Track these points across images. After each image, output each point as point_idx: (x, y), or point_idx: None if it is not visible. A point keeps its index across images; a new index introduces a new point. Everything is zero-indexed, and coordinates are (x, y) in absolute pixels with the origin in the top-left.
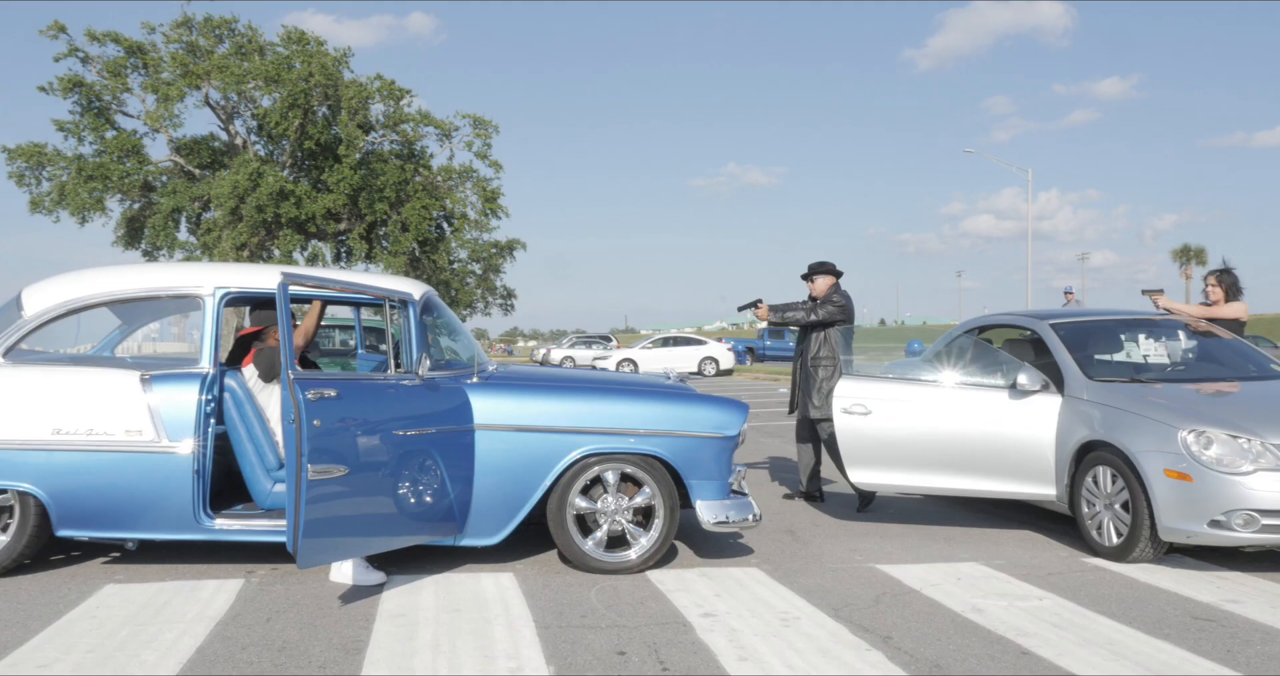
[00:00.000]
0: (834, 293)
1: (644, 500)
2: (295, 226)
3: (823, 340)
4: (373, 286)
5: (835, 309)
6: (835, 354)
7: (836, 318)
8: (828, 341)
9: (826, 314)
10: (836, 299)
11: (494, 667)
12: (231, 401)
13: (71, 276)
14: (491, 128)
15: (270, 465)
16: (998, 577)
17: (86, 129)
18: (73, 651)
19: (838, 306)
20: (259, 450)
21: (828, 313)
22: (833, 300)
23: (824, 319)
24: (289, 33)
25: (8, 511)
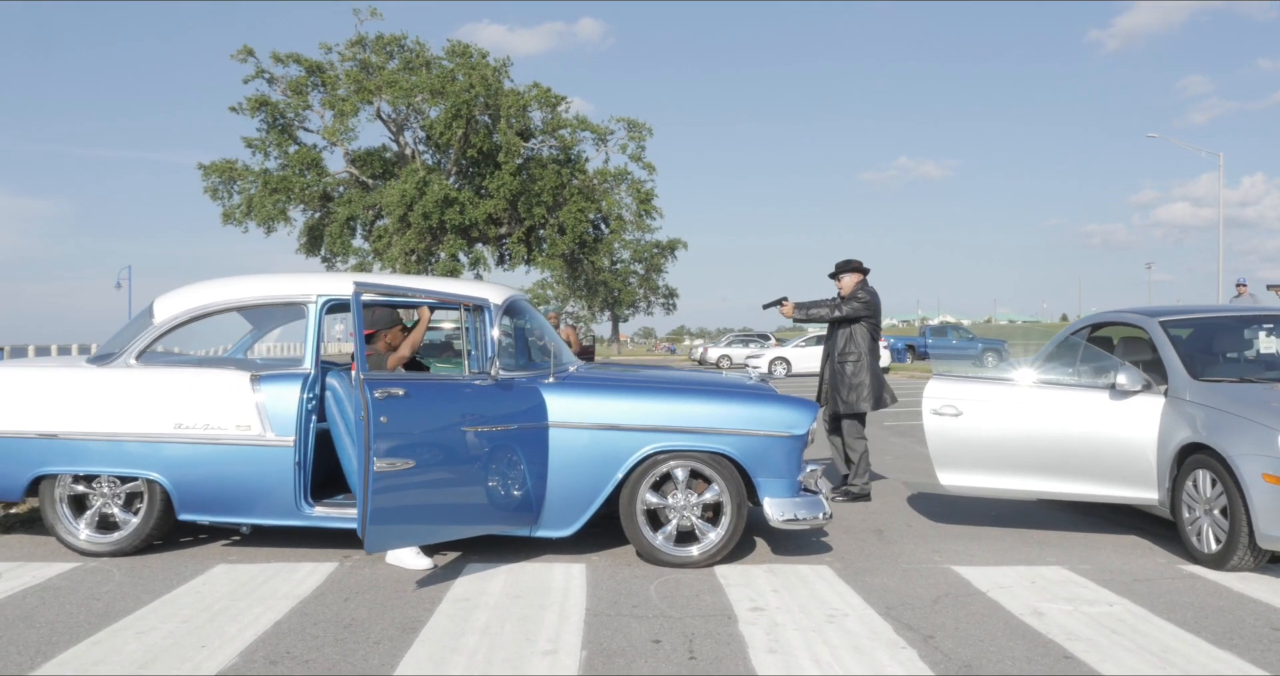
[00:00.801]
0: (860, 289)
1: (713, 497)
2: (459, 232)
3: (849, 336)
4: (446, 292)
5: (860, 305)
6: (861, 349)
7: (861, 313)
8: (854, 337)
9: (851, 310)
10: (862, 295)
11: (531, 648)
12: (332, 399)
13: (196, 287)
14: (645, 130)
15: None
16: (1076, 582)
17: (272, 145)
18: (170, 620)
19: (862, 303)
20: (356, 444)
21: (852, 309)
22: (858, 296)
23: (848, 315)
24: (453, 46)
25: (139, 497)
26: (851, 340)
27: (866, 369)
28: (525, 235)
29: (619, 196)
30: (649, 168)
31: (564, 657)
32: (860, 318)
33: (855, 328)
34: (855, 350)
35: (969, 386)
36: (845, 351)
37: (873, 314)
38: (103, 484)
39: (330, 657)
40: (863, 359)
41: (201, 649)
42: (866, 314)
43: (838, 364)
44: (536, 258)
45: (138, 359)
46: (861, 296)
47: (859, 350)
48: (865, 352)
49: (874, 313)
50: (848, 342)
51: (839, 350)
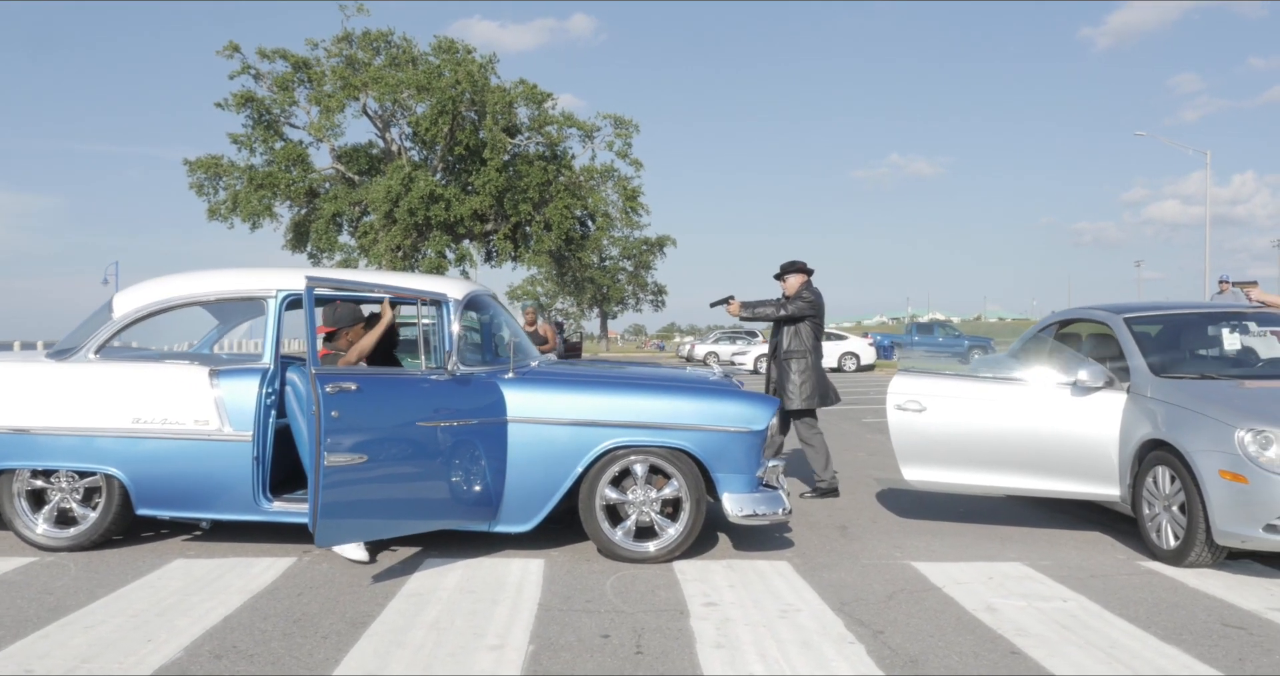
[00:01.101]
0: (804, 290)
1: (672, 492)
2: (445, 228)
3: (794, 334)
4: (403, 287)
5: (804, 304)
6: (805, 348)
7: (806, 313)
8: (799, 336)
9: (796, 309)
10: (806, 295)
11: (478, 643)
12: (292, 394)
13: (156, 282)
14: (632, 127)
15: None
16: (1034, 578)
17: (257, 141)
18: (119, 615)
19: (807, 302)
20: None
21: (797, 308)
22: (802, 296)
23: (793, 314)
24: (440, 42)
25: (97, 492)
26: (796, 338)
27: (810, 367)
28: (511, 232)
29: (605, 193)
30: (636, 164)
31: (510, 652)
32: (805, 317)
33: (800, 327)
34: (800, 348)
35: (933, 382)
36: (790, 350)
37: (817, 313)
38: (61, 479)
39: (276, 652)
40: (807, 357)
41: (148, 643)
42: (811, 313)
43: (783, 362)
44: (523, 254)
45: (96, 353)
46: (806, 296)
47: (804, 348)
48: (810, 351)
49: (818, 312)
50: (792, 341)
51: (784, 349)
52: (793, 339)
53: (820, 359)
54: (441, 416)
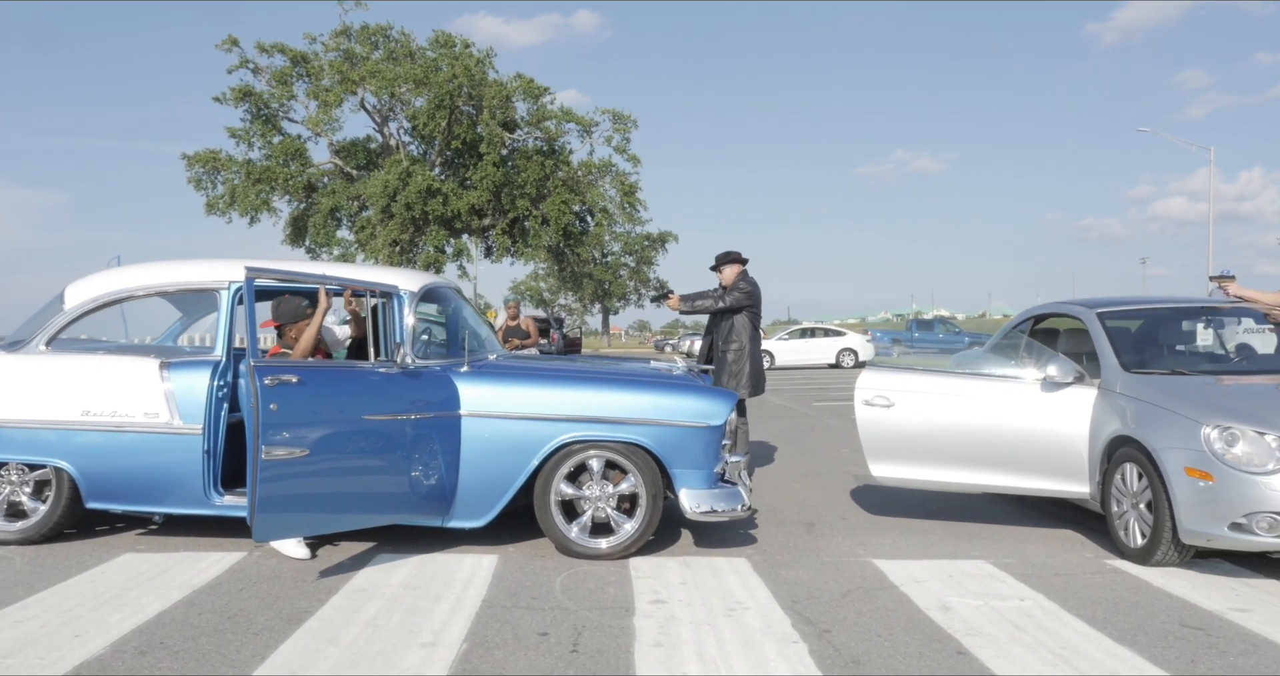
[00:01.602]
0: (740, 280)
1: (628, 488)
2: (443, 223)
3: (731, 326)
4: (350, 279)
5: (741, 295)
6: (743, 339)
7: (743, 304)
8: (735, 327)
9: (734, 300)
10: (743, 286)
11: (411, 640)
12: (246, 388)
13: (109, 273)
14: (630, 122)
15: None
16: (994, 576)
17: (256, 135)
18: (53, 610)
19: (744, 293)
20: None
21: (734, 299)
22: (739, 287)
23: (731, 305)
24: (437, 36)
25: (47, 485)
26: (734, 329)
27: (747, 357)
28: (510, 227)
29: (603, 188)
30: (634, 160)
31: (441, 651)
32: (742, 308)
33: (737, 318)
34: (737, 339)
35: (901, 377)
36: (728, 340)
37: (754, 304)
38: (11, 471)
39: (203, 648)
40: (744, 347)
41: (74, 638)
42: (748, 304)
43: (720, 352)
44: (521, 249)
45: (47, 345)
46: (743, 287)
47: (740, 339)
48: (747, 342)
49: (755, 302)
50: (730, 332)
51: (722, 339)
52: (730, 331)
53: (758, 349)
54: (390, 410)
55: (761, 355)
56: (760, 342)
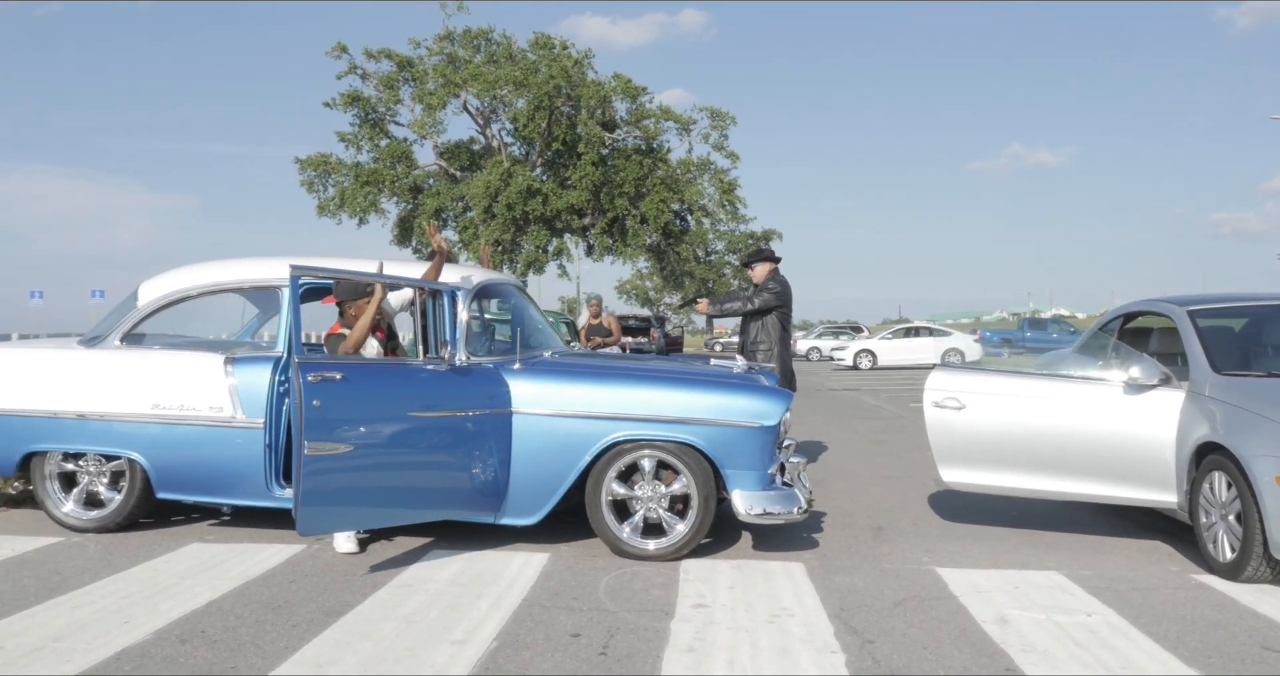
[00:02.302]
0: (770, 279)
1: (681, 488)
2: (543, 222)
3: (761, 326)
4: (401, 277)
5: (770, 296)
6: (771, 339)
7: (773, 304)
8: (765, 327)
9: (763, 301)
10: (772, 286)
11: (442, 638)
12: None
13: (180, 271)
14: (729, 119)
15: None
16: (1064, 589)
17: (364, 139)
18: (111, 596)
19: (773, 293)
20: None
21: (764, 300)
22: (769, 287)
23: (760, 307)
24: (537, 38)
25: (122, 475)
26: (763, 330)
27: (776, 357)
28: (609, 226)
29: (702, 186)
30: (732, 157)
31: (469, 649)
32: (772, 308)
33: (767, 318)
34: (766, 339)
35: (973, 378)
36: (756, 341)
37: (783, 304)
38: (89, 462)
39: (240, 639)
40: (773, 348)
41: (124, 624)
42: (778, 304)
43: (749, 353)
44: (620, 249)
45: (122, 340)
46: (772, 287)
47: (770, 339)
48: (776, 342)
49: (785, 302)
50: (759, 332)
51: (751, 339)
52: (759, 331)
53: (787, 350)
54: (437, 406)
55: (791, 355)
56: (790, 342)
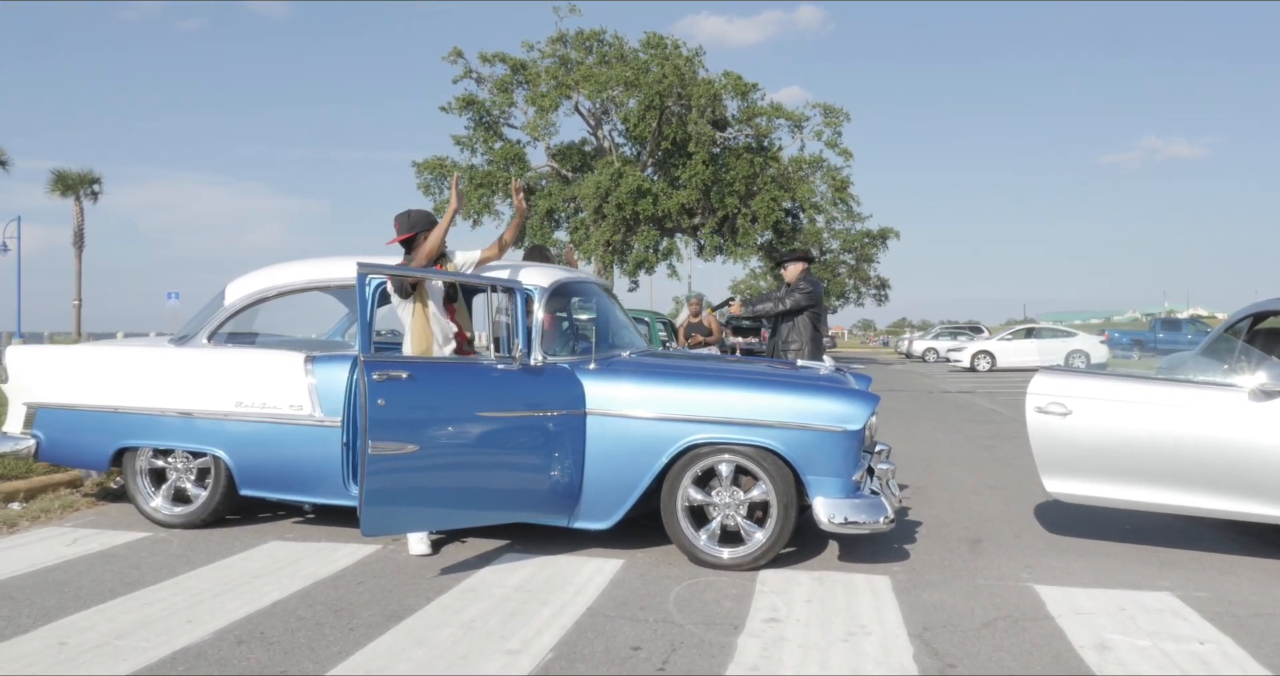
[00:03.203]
0: (802, 280)
1: (759, 495)
2: (654, 222)
3: (792, 327)
4: (473, 276)
5: (801, 296)
6: (803, 339)
7: (804, 304)
8: (796, 328)
9: (794, 302)
10: (803, 286)
11: (499, 647)
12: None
13: (265, 270)
14: (842, 116)
15: None
16: (1177, 612)
17: (478, 142)
18: (183, 593)
19: (804, 294)
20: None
21: (795, 301)
22: (800, 288)
23: (791, 308)
24: (648, 38)
25: (208, 472)
26: (794, 330)
27: (808, 357)
28: (720, 225)
29: (814, 184)
30: (845, 154)
31: (524, 659)
32: (804, 309)
33: (798, 319)
34: (798, 340)
35: (1080, 382)
36: (788, 341)
37: (815, 304)
38: (177, 458)
39: (296, 641)
40: (804, 348)
41: (187, 623)
42: (809, 304)
43: (781, 354)
44: (731, 248)
45: (209, 339)
46: (803, 287)
47: (801, 340)
48: (807, 342)
49: (815, 302)
50: (790, 333)
51: (783, 340)
52: (790, 331)
53: (820, 350)
54: (507, 407)
55: (823, 355)
56: (822, 343)
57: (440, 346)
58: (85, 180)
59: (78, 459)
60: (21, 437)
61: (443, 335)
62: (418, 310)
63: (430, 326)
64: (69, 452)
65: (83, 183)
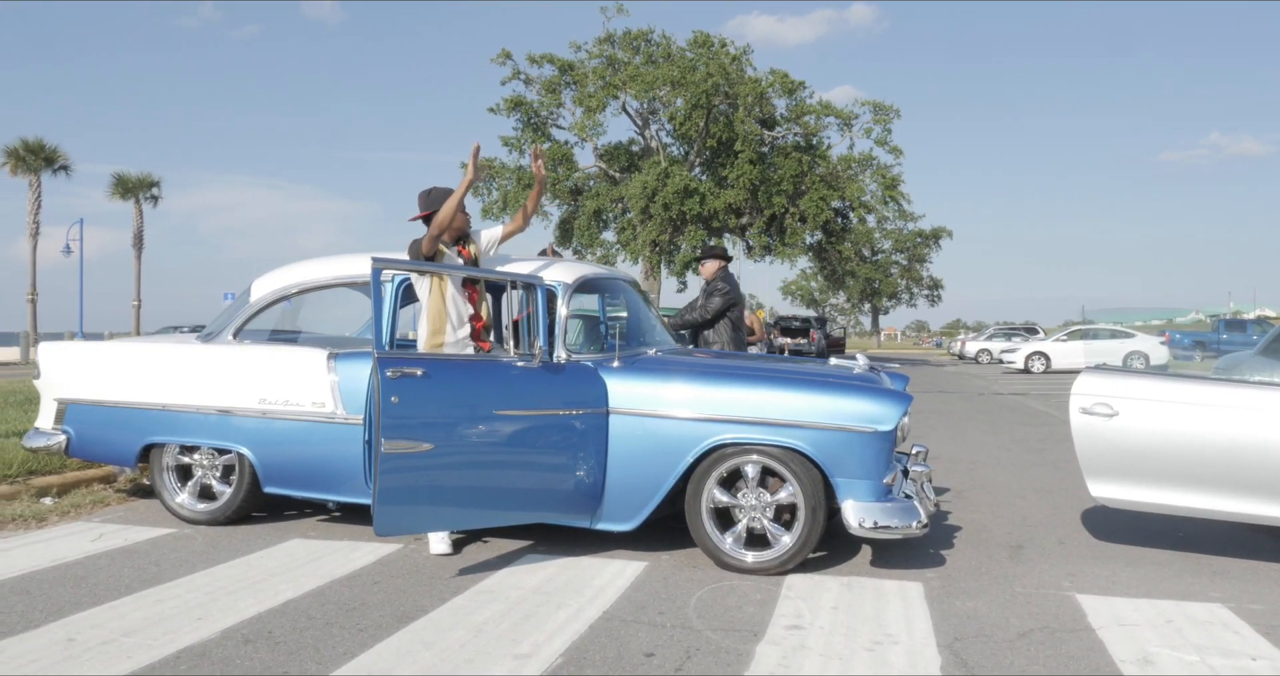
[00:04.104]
0: (719, 280)
1: (787, 497)
2: (700, 222)
3: (712, 328)
4: (486, 271)
5: (720, 299)
6: (723, 340)
7: (724, 308)
8: (716, 328)
9: (715, 308)
10: (721, 286)
11: (507, 651)
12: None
13: (289, 267)
14: (892, 113)
15: None
16: (1228, 625)
17: (527, 142)
18: (198, 591)
19: (723, 295)
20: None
21: (715, 306)
22: (718, 289)
23: (714, 315)
24: (696, 37)
25: (233, 469)
26: (715, 331)
27: None
28: (767, 225)
29: (864, 183)
30: (895, 151)
31: (532, 664)
32: (724, 312)
33: (721, 322)
34: (719, 340)
35: (1127, 382)
36: (709, 342)
37: (734, 303)
38: (203, 455)
39: (303, 641)
40: (725, 348)
41: (196, 621)
42: (729, 305)
43: None
44: (779, 248)
45: (234, 336)
46: (721, 288)
47: (721, 340)
48: (728, 342)
49: (735, 302)
50: (711, 334)
51: (703, 341)
52: (712, 332)
53: (742, 350)
54: (525, 405)
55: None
56: (743, 341)
57: (455, 328)
58: (144, 183)
59: (106, 454)
60: (53, 433)
61: (458, 317)
62: (435, 288)
63: (446, 306)
64: (98, 448)
65: (142, 186)
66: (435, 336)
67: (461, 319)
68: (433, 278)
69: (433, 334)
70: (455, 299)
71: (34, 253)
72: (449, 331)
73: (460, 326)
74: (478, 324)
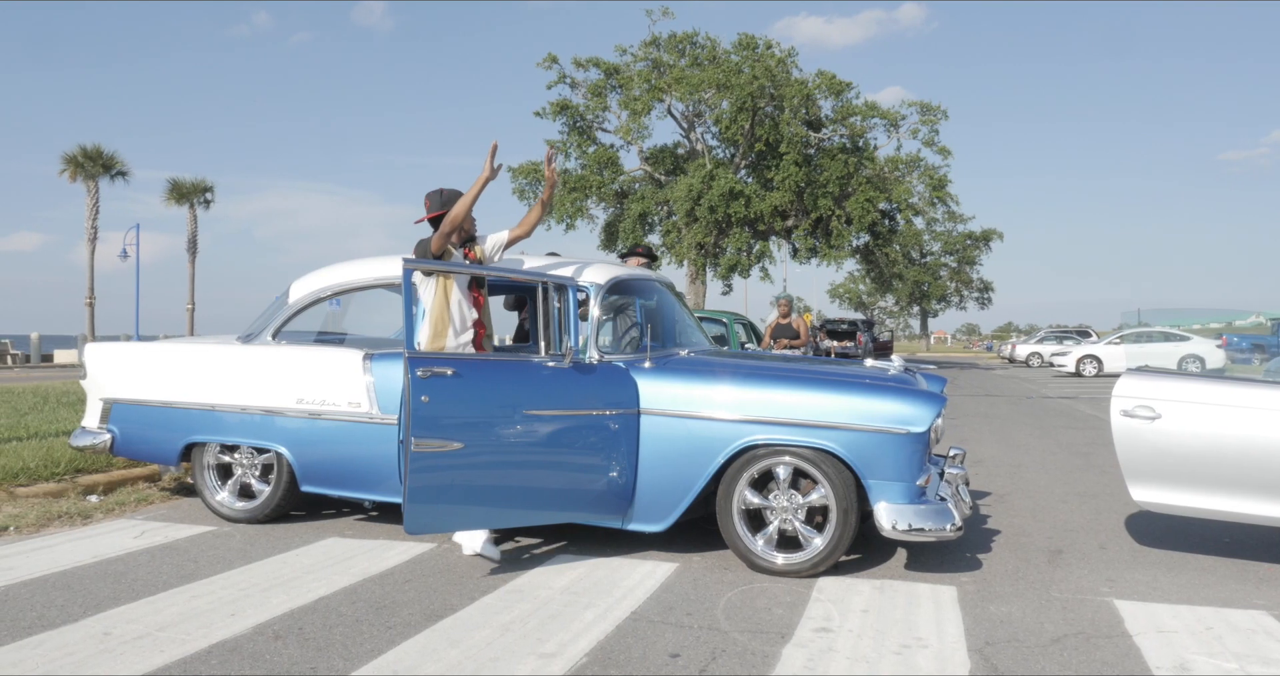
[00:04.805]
0: None
1: (818, 499)
2: (746, 225)
3: None
4: (523, 271)
5: None
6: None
7: None
8: None
9: None
10: None
11: (532, 650)
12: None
13: (327, 269)
14: (939, 113)
15: None
16: (1271, 633)
17: (572, 146)
18: (232, 588)
19: None
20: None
21: None
22: None
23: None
24: (741, 39)
25: (271, 468)
26: None
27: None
28: (813, 227)
29: (910, 184)
30: (943, 152)
31: (557, 663)
32: None
33: None
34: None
35: (1170, 384)
36: None
37: None
38: (243, 454)
39: (332, 638)
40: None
41: (230, 617)
42: None
43: None
44: (825, 250)
45: (274, 337)
46: None
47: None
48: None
49: None
50: None
51: None
52: None
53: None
54: (556, 405)
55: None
56: None
57: (456, 333)
58: (198, 189)
59: (150, 453)
60: (98, 432)
61: (461, 321)
62: (439, 290)
63: (449, 310)
64: (141, 447)
65: (196, 191)
66: (436, 340)
67: (465, 323)
68: (438, 279)
69: (433, 337)
70: (460, 302)
71: (92, 257)
72: (450, 336)
73: (463, 331)
74: (480, 330)
